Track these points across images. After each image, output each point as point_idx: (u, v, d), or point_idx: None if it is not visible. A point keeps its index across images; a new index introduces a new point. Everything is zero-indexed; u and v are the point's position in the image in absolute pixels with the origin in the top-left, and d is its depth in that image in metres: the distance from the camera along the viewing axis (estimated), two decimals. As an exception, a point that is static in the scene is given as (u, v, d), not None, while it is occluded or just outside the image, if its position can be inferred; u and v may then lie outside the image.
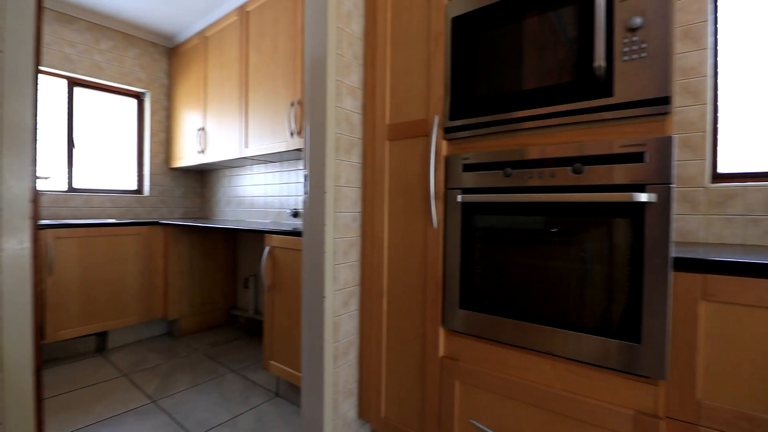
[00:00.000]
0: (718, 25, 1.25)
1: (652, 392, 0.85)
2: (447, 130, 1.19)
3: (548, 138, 1.01)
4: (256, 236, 2.82)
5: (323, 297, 1.27)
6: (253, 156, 2.34)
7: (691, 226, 1.20)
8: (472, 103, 1.13)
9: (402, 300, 1.29)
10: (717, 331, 0.80)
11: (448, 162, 1.18)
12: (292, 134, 2.03)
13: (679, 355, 0.83)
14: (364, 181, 1.40)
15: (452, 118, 1.18)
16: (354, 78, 1.38)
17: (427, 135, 1.23)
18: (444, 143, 1.20)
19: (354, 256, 1.39)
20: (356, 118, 1.39)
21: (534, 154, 1.02)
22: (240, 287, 2.95)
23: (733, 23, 1.23)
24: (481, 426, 1.09)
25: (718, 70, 1.24)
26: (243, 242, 2.94)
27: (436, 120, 1.19)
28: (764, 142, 1.18)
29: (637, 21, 0.88)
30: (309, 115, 1.32)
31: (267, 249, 1.77)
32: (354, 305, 1.40)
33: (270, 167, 2.70)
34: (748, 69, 1.21)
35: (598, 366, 0.92)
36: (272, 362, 1.77)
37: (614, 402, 0.90)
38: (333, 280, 1.30)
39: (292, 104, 2.01)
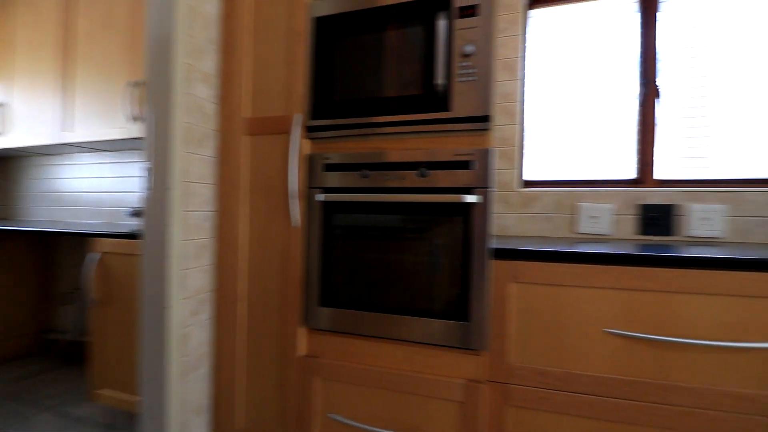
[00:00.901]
0: (526, 62, 1.57)
1: (478, 362, 1.01)
2: (310, 129, 1.19)
3: (400, 143, 1.11)
4: (81, 241, 2.32)
5: (166, 307, 1.13)
6: (78, 143, 1.92)
7: (507, 222, 1.48)
8: (334, 104, 1.16)
9: (262, 303, 1.24)
10: (523, 306, 0.99)
11: (310, 161, 1.19)
12: (131, 120, 1.73)
13: (496, 329, 1.01)
14: (219, 178, 1.30)
15: (315, 117, 1.18)
16: (209, 64, 1.26)
17: (289, 132, 1.21)
18: (306, 142, 1.20)
19: (207, 259, 1.27)
20: (211, 108, 1.28)
21: (388, 157, 1.10)
22: (58, 305, 2.39)
23: (536, 60, 1.56)
24: (339, 418, 1.13)
25: (524, 96, 1.56)
26: (64, 249, 2.38)
27: (298, 118, 1.18)
28: (554, 157, 1.53)
29: (470, 48, 1.03)
30: (151, 99, 1.16)
31: (94, 256, 1.48)
32: (206, 313, 1.28)
33: (103, 157, 2.26)
34: (545, 98, 1.55)
35: (439, 345, 1.05)
36: (102, 391, 1.48)
37: (452, 375, 1.04)
38: (180, 287, 1.17)
39: (132, 84, 1.73)
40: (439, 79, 1.03)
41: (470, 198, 0.98)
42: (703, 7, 1.40)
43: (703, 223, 1.29)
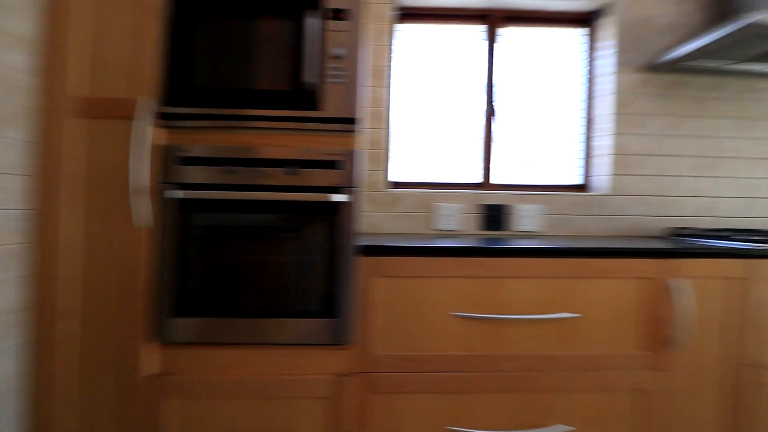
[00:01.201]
0: (393, 70, 1.68)
1: (345, 356, 1.05)
2: (165, 117, 1.05)
3: (270, 139, 1.07)
4: None
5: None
6: None
7: (375, 221, 1.57)
8: (196, 91, 1.05)
9: (100, 318, 1.05)
10: (387, 299, 1.07)
11: (165, 153, 1.05)
12: None
13: (362, 322, 1.06)
14: (38, 168, 1.04)
15: (172, 103, 1.05)
16: (24, 25, 1.00)
17: (136, 119, 1.05)
18: (161, 132, 1.06)
19: (17, 270, 1.01)
20: (27, 81, 1.02)
21: (257, 153, 1.05)
22: None
23: (403, 70, 1.69)
24: (200, 436, 1.03)
25: (391, 103, 1.68)
26: None
27: (145, 102, 1.03)
28: (417, 161, 1.69)
29: (340, 51, 1.05)
30: None
31: None
32: (15, 338, 1.02)
33: None
34: (410, 106, 1.70)
35: (308, 345, 1.05)
36: None
37: (319, 372, 1.05)
38: (-29, 307, 0.90)
39: None
40: (309, 78, 1.03)
41: (338, 197, 1.01)
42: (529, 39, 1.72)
43: (527, 220, 1.59)
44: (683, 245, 1.18)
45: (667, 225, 1.65)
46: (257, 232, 1.04)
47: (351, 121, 1.05)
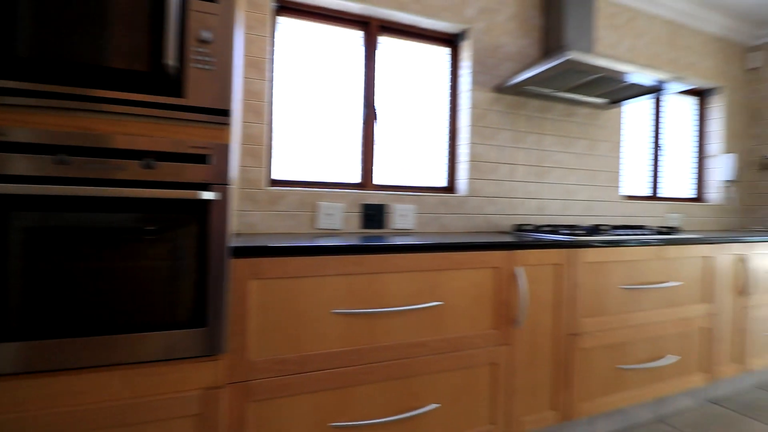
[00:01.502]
0: (275, 64, 1.62)
1: (216, 367, 0.97)
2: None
3: (118, 126, 0.91)
4: None
5: None
6: None
7: (255, 220, 1.49)
8: (19, 61, 0.83)
9: None
10: (263, 301, 1.02)
11: (-44, 134, 0.80)
12: None
13: (236, 328, 1.00)
14: None
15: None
16: None
17: None
18: (-56, 105, 0.80)
19: None
20: None
21: (104, 142, 0.88)
22: None
23: (286, 65, 1.64)
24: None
25: (273, 98, 1.61)
26: None
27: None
28: (299, 159, 1.66)
29: (207, 35, 0.96)
30: None
31: None
32: None
33: None
34: (293, 102, 1.65)
35: (175, 359, 0.93)
36: None
37: (184, 389, 0.95)
38: None
39: None
40: (170, 60, 0.92)
41: (207, 195, 0.93)
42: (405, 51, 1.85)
43: (402, 219, 1.71)
44: (523, 239, 1.42)
45: (512, 222, 1.97)
46: (108, 234, 0.88)
47: (221, 112, 0.97)
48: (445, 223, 1.82)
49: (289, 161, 1.64)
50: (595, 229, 1.63)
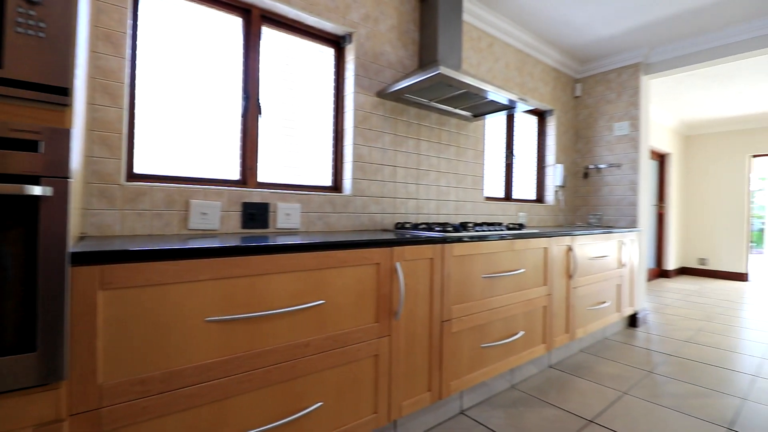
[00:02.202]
0: (138, 42, 1.41)
1: (54, 397, 0.80)
2: None
3: None
4: None
5: None
6: None
7: (109, 221, 1.28)
8: None
9: None
10: (115, 315, 0.88)
11: None
12: None
13: (80, 349, 0.84)
14: None
15: None
16: None
17: None
18: None
19: None
20: None
21: None
22: None
23: (151, 45, 1.44)
24: None
25: (136, 81, 1.40)
26: None
27: None
28: (168, 151, 1.48)
29: (36, -5, 0.78)
30: None
31: None
32: None
33: None
34: (160, 88, 1.46)
35: (-17, 397, 0.74)
36: None
37: (18, 426, 0.76)
38: None
39: None
40: (-22, 19, 0.72)
41: (37, 190, 0.76)
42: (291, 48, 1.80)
43: (287, 218, 1.67)
44: (403, 236, 1.52)
45: (394, 220, 2.09)
46: None
47: (57, 90, 0.80)
48: (331, 222, 1.84)
49: (155, 154, 1.45)
50: (462, 227, 1.84)
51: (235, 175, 1.65)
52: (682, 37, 2.83)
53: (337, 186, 1.97)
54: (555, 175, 3.26)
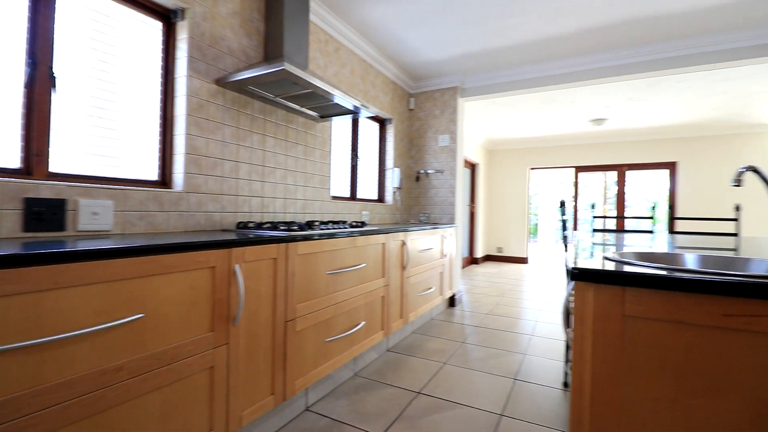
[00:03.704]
0: None
1: None
2: None
3: None
4: None
5: None
6: None
7: None
8: None
9: None
10: None
11: None
12: None
13: None
14: None
15: None
16: None
17: None
18: None
19: None
20: None
21: None
22: None
23: None
24: None
25: None
26: None
27: None
28: None
29: None
30: None
31: None
32: None
33: None
34: None
35: None
36: None
37: None
38: None
39: None
40: None
41: None
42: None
43: (94, 218, 1.37)
44: (244, 236, 1.44)
45: (236, 220, 1.96)
46: None
47: None
48: (158, 222, 1.60)
49: None
50: (308, 225, 1.86)
51: (14, 162, 1.26)
52: (485, 71, 3.52)
53: (165, 181, 1.72)
54: (393, 178, 3.61)
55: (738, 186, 1.16)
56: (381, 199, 3.65)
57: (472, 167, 6.70)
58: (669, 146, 5.96)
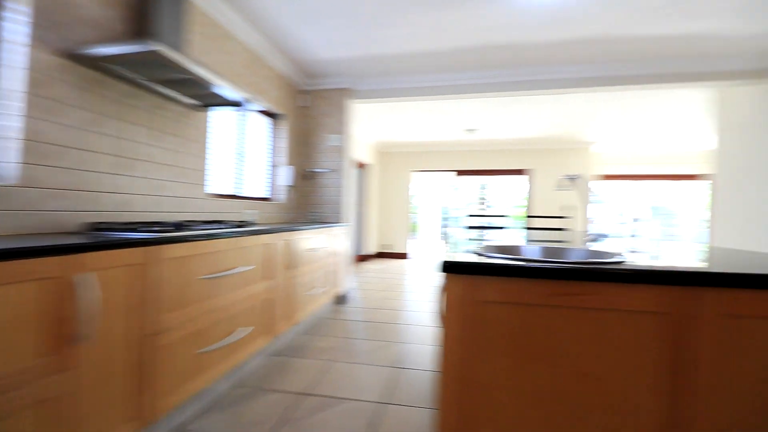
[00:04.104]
0: None
1: None
2: None
3: None
4: None
5: None
6: None
7: None
8: None
9: None
10: None
11: None
12: None
13: None
14: None
15: None
16: None
17: None
18: None
19: None
20: None
21: None
22: None
23: None
24: None
25: None
26: None
27: None
28: None
29: None
30: None
31: None
32: None
33: None
34: None
35: None
36: None
37: None
38: None
39: None
40: None
41: None
42: None
43: None
44: (93, 240, 1.23)
45: (87, 220, 1.67)
46: None
47: None
48: (-31, 222, 1.26)
49: None
50: (180, 226, 1.69)
51: None
52: (376, 75, 3.66)
53: (-19, 170, 1.37)
54: (286, 176, 3.51)
55: (562, 190, 1.45)
56: (271, 197, 3.51)
57: (364, 168, 6.90)
58: (527, 156, 7.05)
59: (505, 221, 7.85)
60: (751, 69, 3.10)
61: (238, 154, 2.97)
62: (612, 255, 1.11)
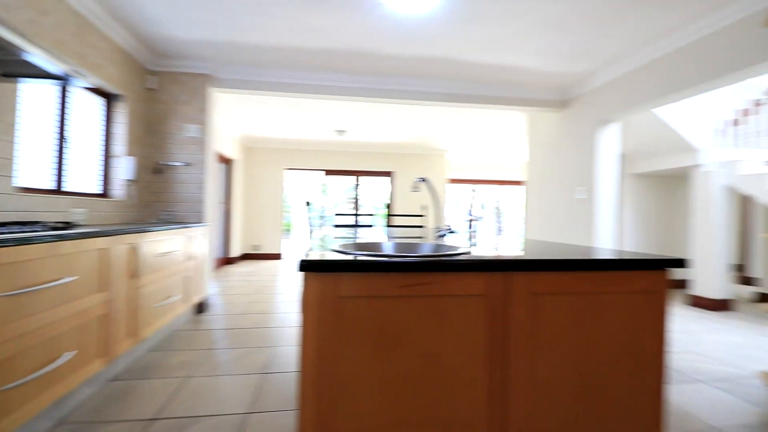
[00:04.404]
0: None
1: None
2: None
3: None
4: None
5: None
6: None
7: None
8: None
9: None
10: None
11: None
12: None
13: None
14: None
15: None
16: None
17: None
18: None
19: None
20: None
21: None
22: None
23: None
24: None
25: None
26: None
27: None
28: None
29: None
30: None
31: None
32: None
33: None
34: None
35: None
36: None
37: None
38: None
39: None
40: None
41: None
42: None
43: None
44: None
45: None
46: None
47: None
48: None
49: None
50: (-33, 230, 1.29)
51: None
52: (240, 64, 3.43)
53: None
54: (125, 168, 2.99)
55: (415, 192, 1.63)
56: (106, 193, 2.95)
57: (228, 163, 6.38)
58: (390, 159, 7.59)
59: (372, 220, 8.28)
60: (553, 99, 4.01)
61: (61, 139, 2.41)
62: (456, 248, 1.31)
